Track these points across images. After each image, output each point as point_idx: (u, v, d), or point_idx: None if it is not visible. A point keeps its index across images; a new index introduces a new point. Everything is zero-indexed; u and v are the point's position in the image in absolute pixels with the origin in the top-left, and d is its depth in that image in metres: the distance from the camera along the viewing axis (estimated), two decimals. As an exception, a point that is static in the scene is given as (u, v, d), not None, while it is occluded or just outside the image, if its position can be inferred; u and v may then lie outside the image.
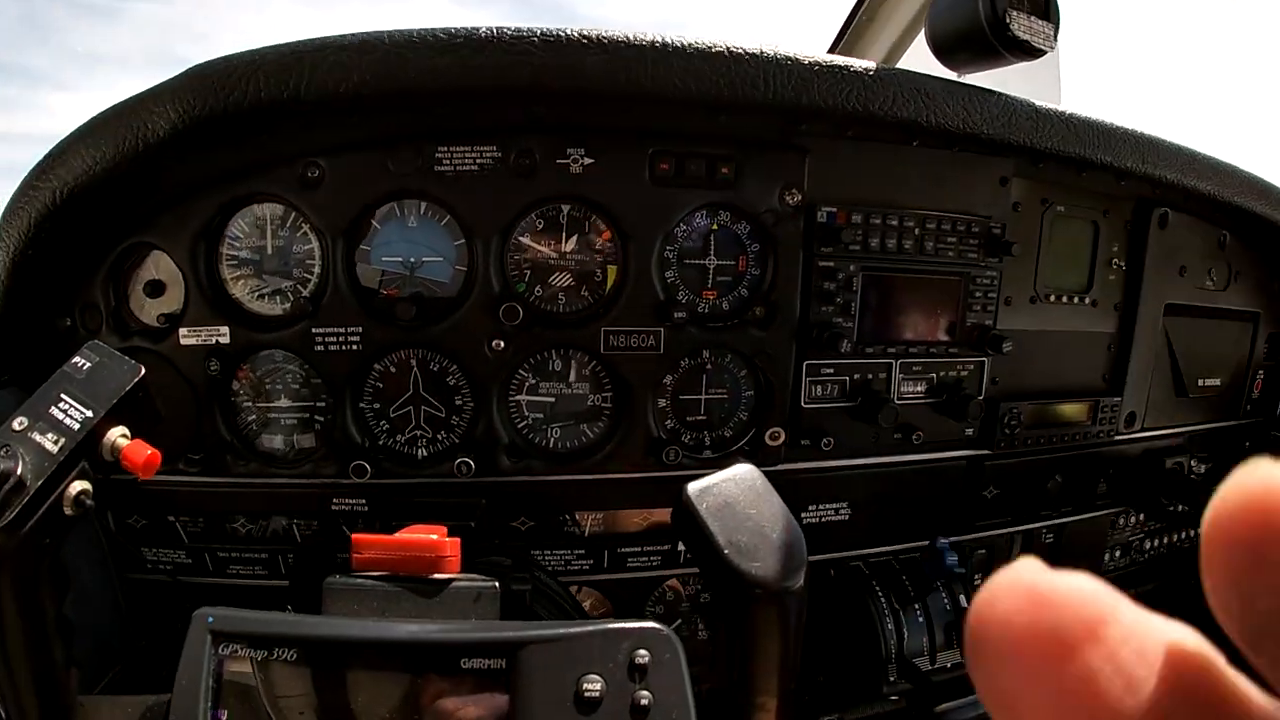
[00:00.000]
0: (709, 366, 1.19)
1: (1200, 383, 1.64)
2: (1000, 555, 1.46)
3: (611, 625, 0.68)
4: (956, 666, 1.28)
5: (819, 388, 1.22)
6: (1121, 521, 1.63)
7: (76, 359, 0.66)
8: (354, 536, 0.83)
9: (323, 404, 1.16)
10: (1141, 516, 1.66)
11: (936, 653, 1.27)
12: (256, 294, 1.14)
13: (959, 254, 1.26)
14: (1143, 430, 1.56)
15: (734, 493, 0.72)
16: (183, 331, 1.13)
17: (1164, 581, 1.76)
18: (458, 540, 0.83)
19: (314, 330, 1.11)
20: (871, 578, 1.27)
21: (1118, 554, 1.65)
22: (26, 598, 0.62)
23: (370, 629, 0.68)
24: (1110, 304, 1.48)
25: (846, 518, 1.30)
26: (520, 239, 1.12)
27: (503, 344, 1.11)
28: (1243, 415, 1.76)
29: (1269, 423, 1.81)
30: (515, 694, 0.65)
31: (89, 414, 0.62)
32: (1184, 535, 1.76)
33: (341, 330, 1.12)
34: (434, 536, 0.84)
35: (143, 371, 0.69)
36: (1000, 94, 1.20)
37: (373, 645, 0.67)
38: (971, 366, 1.31)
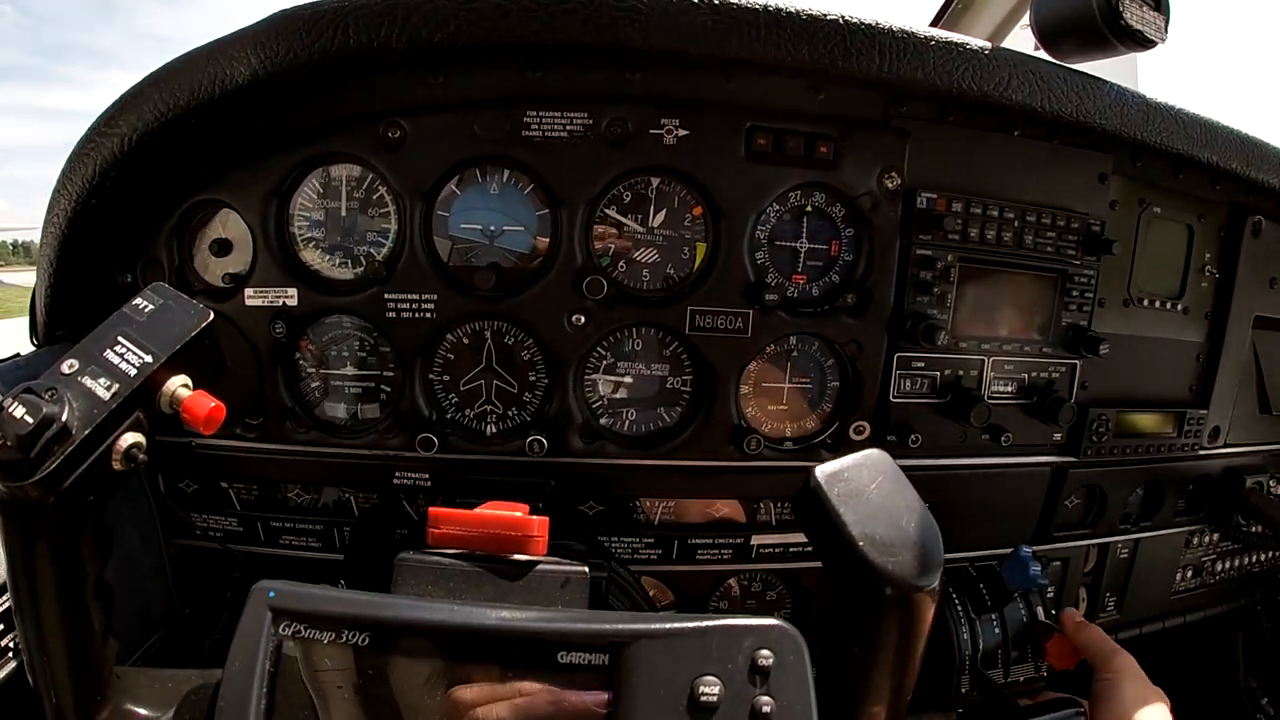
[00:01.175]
0: (794, 353, 1.13)
1: None
2: (1074, 568, 1.40)
3: (733, 621, 0.62)
4: (1029, 681, 1.23)
5: (909, 382, 1.16)
6: (1195, 540, 1.56)
7: (138, 300, 0.61)
8: (431, 510, 0.78)
9: (390, 373, 1.11)
10: (1216, 536, 1.60)
11: (1010, 665, 1.22)
12: (327, 257, 1.10)
13: (1057, 250, 1.20)
14: (1225, 446, 1.49)
15: (866, 480, 0.66)
16: (248, 292, 1.09)
17: (1232, 605, 1.70)
18: (546, 520, 0.78)
19: (386, 296, 1.07)
20: (948, 583, 1.21)
21: (1189, 574, 1.58)
22: (65, 559, 0.57)
23: (455, 614, 0.61)
24: (1201, 312, 1.41)
25: (927, 520, 1.24)
26: (607, 211, 1.07)
27: (583, 319, 1.06)
28: None
29: None
30: (619, 693, 0.59)
31: (148, 359, 0.56)
32: (1256, 558, 1.69)
33: (416, 297, 1.07)
34: (518, 514, 0.79)
35: (211, 316, 0.64)
36: (1112, 83, 1.15)
37: (457, 632, 0.60)
38: (1063, 369, 1.25)
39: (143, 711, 0.65)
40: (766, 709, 0.59)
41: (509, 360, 1.10)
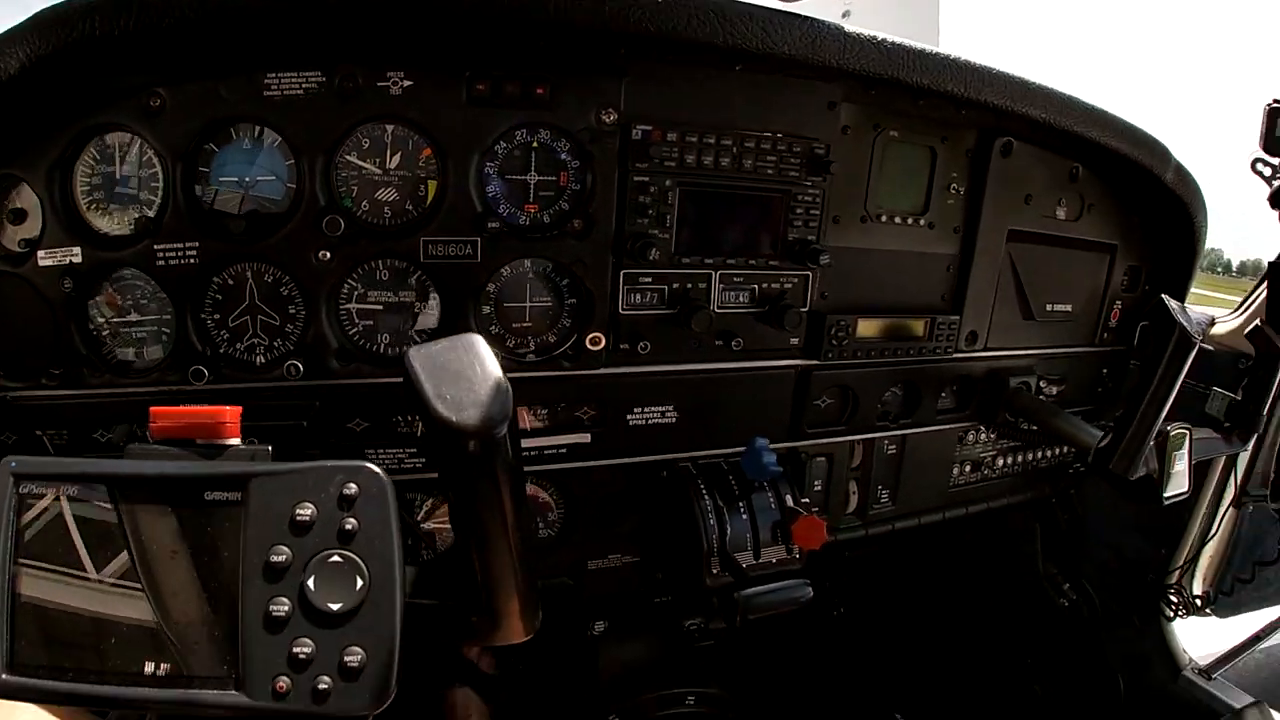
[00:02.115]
0: (532, 275, 1.27)
1: (1049, 307, 1.71)
2: (840, 463, 1.54)
3: (326, 463, 0.76)
4: (783, 562, 1.37)
5: (638, 296, 1.30)
6: (970, 438, 1.71)
7: None
8: (151, 409, 0.91)
9: (168, 316, 1.24)
10: (994, 435, 1.75)
11: (761, 549, 1.36)
12: (106, 216, 1.22)
13: (779, 172, 1.34)
14: (986, 350, 1.64)
15: (449, 356, 0.79)
16: (40, 254, 1.21)
17: (1020, 498, 1.85)
18: (238, 409, 0.90)
19: (156, 247, 1.19)
20: (698, 477, 1.35)
21: (968, 469, 1.73)
22: None
23: (133, 466, 0.75)
24: (949, 227, 1.55)
25: (674, 421, 1.38)
26: (347, 157, 1.20)
27: (328, 255, 1.19)
28: (1098, 343, 1.84)
29: (1128, 352, 1.89)
30: (246, 520, 0.72)
31: None
32: (1041, 455, 1.84)
33: (180, 246, 1.19)
34: (217, 408, 0.92)
35: None
36: (806, 18, 1.27)
37: (133, 480, 0.74)
38: (795, 280, 1.39)
39: None
40: (349, 526, 0.73)
41: (270, 297, 1.23)
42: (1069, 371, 1.81)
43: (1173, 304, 1.31)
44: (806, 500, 1.44)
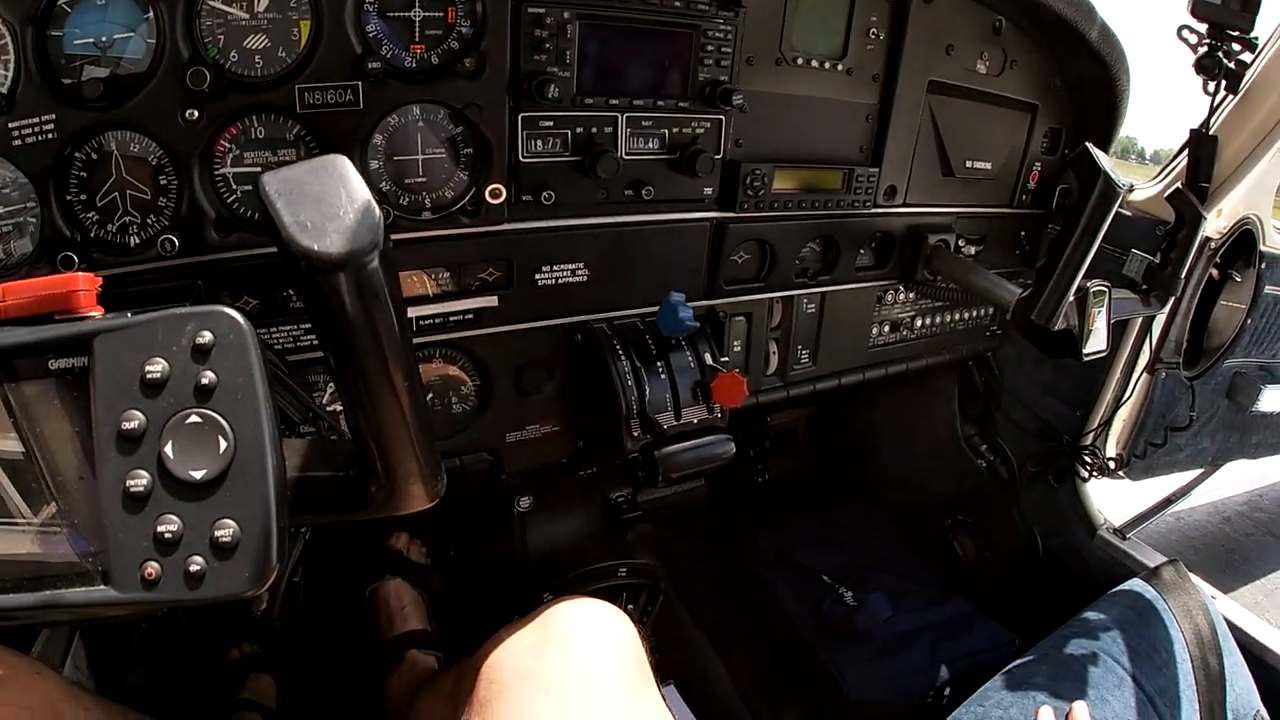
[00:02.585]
0: (421, 124, 1.17)
1: (968, 164, 1.69)
2: (759, 322, 1.51)
3: (176, 310, 0.67)
4: (704, 421, 1.35)
5: (539, 142, 1.21)
6: (889, 298, 1.71)
7: None
8: None
9: (32, 204, 1.11)
10: (913, 295, 1.75)
11: (682, 409, 1.33)
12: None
13: (687, 4, 1.24)
14: (905, 206, 1.61)
15: (309, 179, 0.70)
16: None
17: (938, 359, 1.87)
18: (95, 277, 0.80)
19: (10, 125, 1.05)
20: (613, 338, 1.31)
21: (887, 329, 1.74)
22: None
23: None
24: (868, 75, 1.49)
25: (585, 279, 1.32)
26: (210, 3, 1.06)
27: (196, 113, 1.07)
28: (1017, 204, 1.84)
29: (1046, 216, 1.89)
30: (94, 389, 0.63)
31: None
32: (960, 316, 1.86)
33: (36, 120, 1.05)
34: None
35: None
36: None
37: None
38: (708, 124, 1.32)
39: None
40: (206, 381, 0.64)
41: (138, 168, 1.10)
42: (987, 232, 1.81)
43: (1097, 152, 1.29)
44: (726, 360, 1.41)
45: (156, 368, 0.64)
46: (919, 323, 1.79)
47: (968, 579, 2.08)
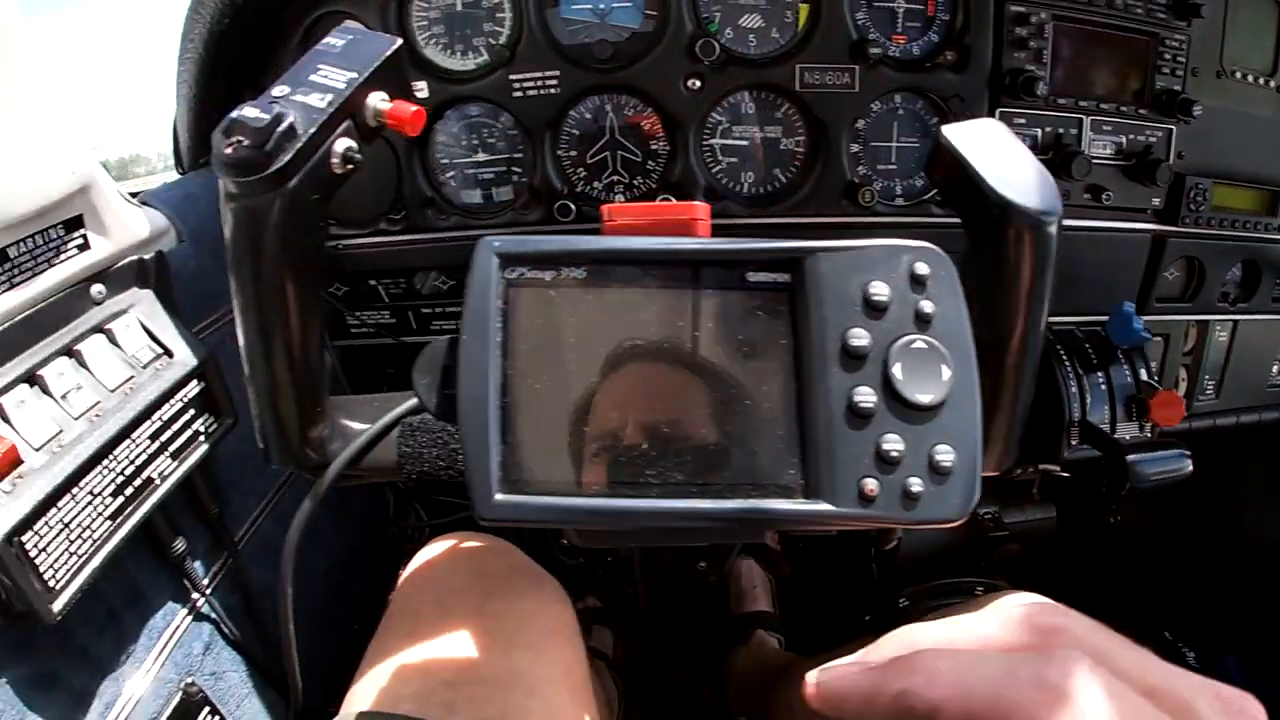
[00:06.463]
0: (900, 112, 1.19)
1: None
2: (1175, 345, 1.42)
3: (891, 241, 0.67)
4: (1135, 439, 1.26)
5: (1009, 139, 1.20)
6: (1295, 333, 1.57)
7: (329, 39, 0.66)
8: (607, 208, 0.84)
9: (520, 154, 1.20)
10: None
11: (1117, 424, 1.25)
12: (447, 51, 1.17)
13: (1148, 12, 1.23)
14: None
15: (986, 136, 0.71)
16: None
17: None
18: (708, 206, 0.84)
19: (511, 77, 1.15)
20: (1055, 341, 1.25)
21: (1287, 367, 1.59)
22: (293, 264, 0.59)
23: (656, 244, 0.66)
24: None
25: (1031, 280, 1.28)
26: None
27: (699, 83, 1.13)
28: None
29: None
30: (807, 303, 0.64)
31: (353, 74, 0.60)
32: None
33: (539, 75, 1.14)
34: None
35: (399, 42, 0.66)
36: None
37: (658, 257, 0.65)
38: (1160, 134, 1.28)
39: (355, 425, 0.74)
40: (927, 310, 0.63)
41: (632, 131, 1.17)
42: None
43: None
44: (1158, 376, 1.33)
45: (881, 291, 0.63)
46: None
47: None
